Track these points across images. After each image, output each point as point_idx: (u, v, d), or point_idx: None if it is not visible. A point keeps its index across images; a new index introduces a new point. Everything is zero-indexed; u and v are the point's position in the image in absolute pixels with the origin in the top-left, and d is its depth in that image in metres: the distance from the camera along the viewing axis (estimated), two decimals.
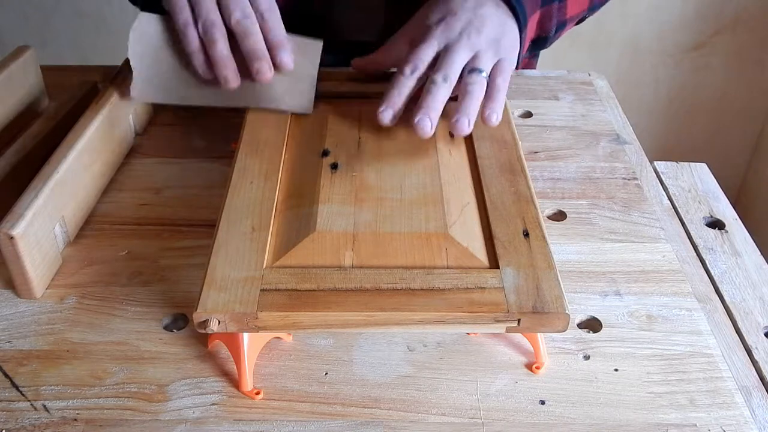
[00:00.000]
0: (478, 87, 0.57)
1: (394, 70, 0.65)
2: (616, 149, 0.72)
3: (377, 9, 0.75)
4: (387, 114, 0.57)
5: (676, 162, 0.71)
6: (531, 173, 0.57)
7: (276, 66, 0.60)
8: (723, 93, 1.73)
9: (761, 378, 0.48)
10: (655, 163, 0.70)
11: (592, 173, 0.68)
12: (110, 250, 0.58)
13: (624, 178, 0.67)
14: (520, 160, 0.56)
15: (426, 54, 0.59)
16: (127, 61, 0.62)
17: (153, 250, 0.58)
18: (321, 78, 0.66)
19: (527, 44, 0.64)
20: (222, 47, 0.58)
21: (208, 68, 0.59)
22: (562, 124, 0.75)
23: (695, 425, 0.45)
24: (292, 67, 0.60)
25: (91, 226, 0.61)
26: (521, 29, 0.62)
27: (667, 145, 1.81)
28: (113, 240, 0.59)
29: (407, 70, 0.58)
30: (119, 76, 0.67)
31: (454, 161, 0.56)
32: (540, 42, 0.67)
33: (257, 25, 0.59)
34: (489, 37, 0.59)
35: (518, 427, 0.45)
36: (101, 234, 0.60)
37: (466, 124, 0.55)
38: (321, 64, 0.67)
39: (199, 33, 0.59)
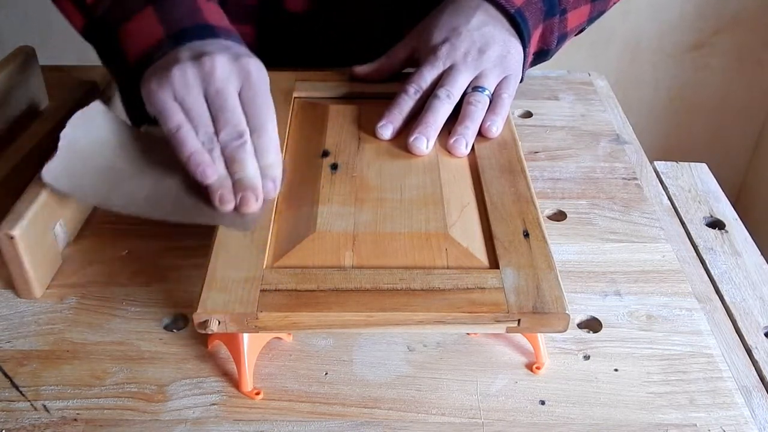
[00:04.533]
0: (479, 107, 0.58)
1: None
2: (616, 149, 0.72)
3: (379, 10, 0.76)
4: (387, 129, 0.58)
5: (676, 162, 0.71)
6: (531, 173, 0.57)
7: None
8: (723, 93, 1.73)
9: (761, 378, 0.48)
10: (655, 163, 0.70)
11: (592, 173, 0.68)
12: (110, 250, 0.58)
13: (624, 178, 0.67)
14: (520, 160, 0.56)
15: (430, 75, 0.60)
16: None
17: (153, 250, 0.58)
18: (321, 79, 0.66)
19: (530, 58, 0.65)
20: (222, 166, 0.51)
21: (207, 170, 0.50)
22: (562, 124, 0.75)
23: (695, 425, 0.45)
24: (275, 195, 0.52)
25: (91, 226, 0.61)
26: (525, 45, 0.63)
27: (667, 145, 1.81)
28: (113, 240, 0.59)
29: (410, 89, 0.60)
30: None
31: (454, 161, 0.56)
32: (542, 55, 0.68)
33: (248, 148, 0.51)
34: (493, 56, 0.61)
35: (518, 427, 0.45)
36: (101, 234, 0.60)
37: (463, 146, 0.57)
38: (322, 65, 0.68)
39: (197, 134, 0.51)
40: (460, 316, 0.43)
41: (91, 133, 0.54)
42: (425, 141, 0.56)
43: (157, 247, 0.58)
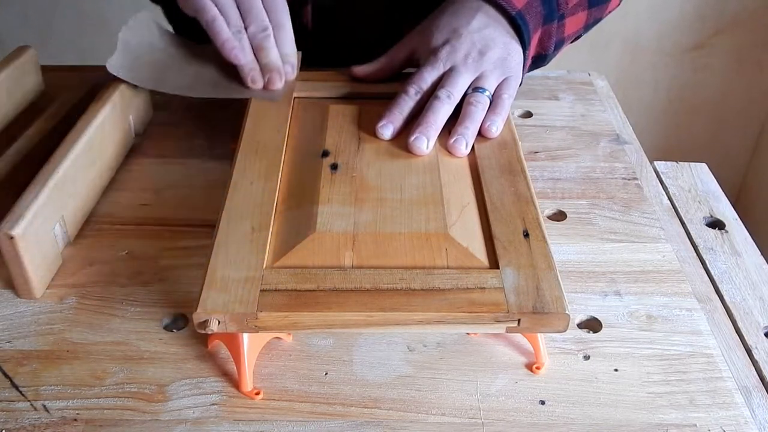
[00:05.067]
0: (480, 108, 0.59)
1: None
2: (616, 149, 0.72)
3: (378, 10, 0.76)
4: (387, 129, 0.58)
5: (676, 162, 0.71)
6: (531, 173, 0.57)
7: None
8: (723, 93, 1.73)
9: (761, 378, 0.48)
10: (655, 163, 0.70)
11: (592, 173, 0.68)
12: (110, 250, 0.58)
13: (624, 178, 0.67)
14: (520, 161, 0.56)
15: (430, 76, 0.60)
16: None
17: (153, 250, 0.58)
18: (321, 79, 0.66)
19: (529, 62, 0.65)
20: (249, 53, 0.63)
21: (239, 54, 0.62)
22: (562, 124, 0.75)
23: (695, 425, 0.45)
24: (293, 77, 0.65)
25: (91, 226, 0.61)
26: (525, 47, 0.63)
27: (667, 145, 1.81)
28: (113, 240, 0.59)
29: (411, 90, 0.60)
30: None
31: (454, 161, 0.56)
32: (539, 60, 0.68)
33: (272, 39, 0.63)
34: (494, 57, 0.61)
35: (518, 427, 0.45)
36: (101, 234, 0.60)
37: (463, 146, 0.57)
38: (321, 65, 0.68)
39: (229, 27, 0.62)
40: (460, 316, 0.43)
41: (142, 35, 0.68)
42: (425, 141, 0.56)
43: (157, 247, 0.58)
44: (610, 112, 0.78)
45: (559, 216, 0.62)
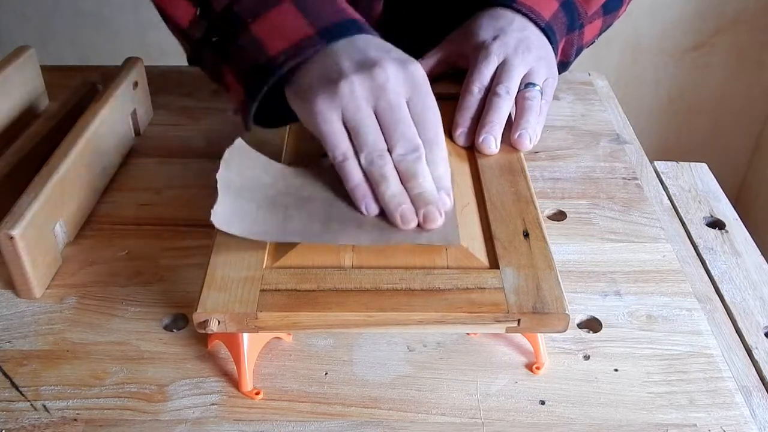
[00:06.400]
0: (535, 102, 0.60)
1: None
2: (616, 149, 0.72)
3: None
4: (464, 137, 0.58)
5: (676, 162, 0.71)
6: (531, 173, 0.57)
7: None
8: (723, 93, 1.73)
9: (761, 378, 0.48)
10: (655, 163, 0.70)
11: (592, 173, 0.68)
12: (110, 250, 0.58)
13: (624, 178, 0.67)
14: (520, 160, 0.56)
15: (488, 69, 0.61)
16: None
17: (153, 250, 0.58)
18: None
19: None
20: (395, 183, 0.49)
21: (374, 203, 0.49)
22: (562, 124, 0.75)
23: (695, 425, 0.45)
24: (450, 206, 0.50)
25: (91, 226, 0.61)
26: (555, 54, 0.64)
27: (667, 145, 1.81)
28: (113, 240, 0.59)
29: (475, 88, 0.60)
30: (119, 76, 0.67)
31: (454, 161, 0.56)
32: (561, 67, 0.70)
33: (424, 161, 0.49)
34: (538, 55, 0.62)
35: (518, 427, 0.45)
36: (101, 234, 0.60)
37: (527, 140, 0.58)
38: None
39: (361, 164, 0.49)
40: (460, 316, 0.43)
41: (243, 172, 0.52)
42: (494, 140, 0.57)
43: (157, 247, 0.58)
44: (610, 112, 0.78)
45: (559, 216, 0.62)
